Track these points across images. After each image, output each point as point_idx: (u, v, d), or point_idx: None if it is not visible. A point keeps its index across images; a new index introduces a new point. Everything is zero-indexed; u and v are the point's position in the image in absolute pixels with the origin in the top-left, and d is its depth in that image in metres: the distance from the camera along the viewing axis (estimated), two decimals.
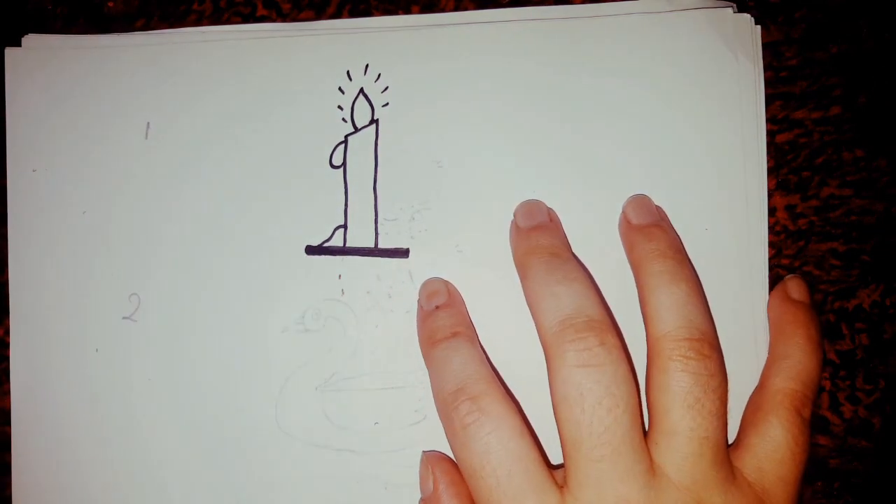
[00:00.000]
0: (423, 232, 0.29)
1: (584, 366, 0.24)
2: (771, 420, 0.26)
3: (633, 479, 0.24)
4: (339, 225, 0.30)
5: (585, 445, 0.24)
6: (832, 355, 0.30)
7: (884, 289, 0.30)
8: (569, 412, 0.24)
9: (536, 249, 0.27)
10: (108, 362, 0.30)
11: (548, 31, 0.29)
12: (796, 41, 0.30)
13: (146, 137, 0.30)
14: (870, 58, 0.30)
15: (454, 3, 0.31)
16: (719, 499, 0.24)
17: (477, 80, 0.29)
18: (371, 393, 0.29)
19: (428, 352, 0.27)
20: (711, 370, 0.25)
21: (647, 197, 0.29)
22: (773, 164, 0.30)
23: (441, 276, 0.29)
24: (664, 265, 0.26)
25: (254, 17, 0.31)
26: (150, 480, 0.29)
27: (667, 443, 0.25)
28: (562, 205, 0.29)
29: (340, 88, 0.30)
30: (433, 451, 0.28)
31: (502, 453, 0.24)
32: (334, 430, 0.29)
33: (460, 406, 0.25)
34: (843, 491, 0.30)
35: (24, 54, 0.30)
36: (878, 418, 0.30)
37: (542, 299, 0.26)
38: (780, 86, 0.30)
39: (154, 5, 0.31)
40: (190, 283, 0.30)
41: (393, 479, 0.28)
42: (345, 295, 0.29)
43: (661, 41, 0.29)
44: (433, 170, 0.29)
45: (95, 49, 0.30)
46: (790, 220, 0.30)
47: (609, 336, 0.25)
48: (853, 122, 0.30)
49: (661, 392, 0.25)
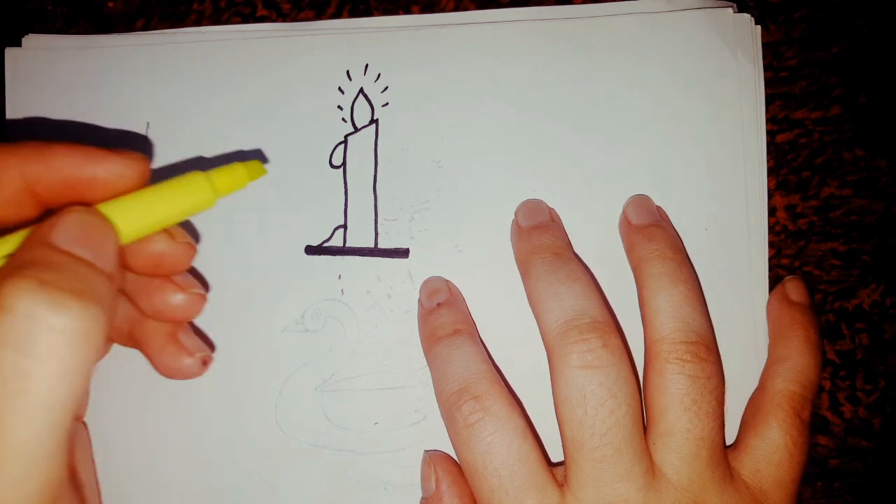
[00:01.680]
0: (423, 232, 0.29)
1: (587, 367, 0.24)
2: (769, 422, 0.26)
3: (633, 479, 0.24)
4: (339, 225, 0.30)
5: (587, 446, 0.24)
6: (832, 355, 0.30)
7: (884, 289, 0.30)
8: (571, 413, 0.24)
9: (538, 249, 0.27)
10: (107, 363, 0.30)
11: (548, 32, 0.29)
12: (796, 41, 0.30)
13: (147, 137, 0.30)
14: (870, 58, 0.30)
15: (454, 3, 0.31)
16: (716, 498, 0.25)
17: (477, 80, 0.29)
18: (371, 393, 0.29)
19: (429, 349, 0.27)
20: (708, 372, 0.25)
21: (648, 197, 0.29)
22: (773, 164, 0.30)
23: (441, 275, 0.29)
24: (663, 267, 0.26)
25: (254, 17, 0.31)
26: (150, 480, 0.29)
27: (664, 443, 0.25)
28: (562, 205, 0.29)
29: (340, 88, 0.30)
30: (436, 450, 0.28)
31: (505, 453, 0.24)
32: (334, 430, 0.29)
33: (463, 405, 0.25)
34: (843, 491, 0.30)
35: (24, 54, 0.30)
36: (878, 418, 0.30)
37: (545, 299, 0.26)
38: (780, 86, 0.30)
39: (154, 5, 0.31)
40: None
41: (393, 479, 0.28)
42: (345, 295, 0.29)
43: (661, 41, 0.29)
44: (433, 170, 0.29)
45: (95, 49, 0.30)
46: (790, 220, 0.30)
47: (612, 337, 0.25)
48: (853, 122, 0.30)
49: (658, 393, 0.25)
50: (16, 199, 0.21)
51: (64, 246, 0.18)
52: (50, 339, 0.16)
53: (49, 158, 0.20)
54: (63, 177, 0.20)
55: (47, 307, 0.16)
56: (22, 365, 0.16)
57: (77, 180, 0.21)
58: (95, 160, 0.21)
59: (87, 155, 0.21)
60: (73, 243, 0.18)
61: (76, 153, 0.21)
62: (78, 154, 0.21)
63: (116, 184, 0.21)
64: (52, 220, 0.18)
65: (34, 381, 0.16)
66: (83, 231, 0.19)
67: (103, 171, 0.21)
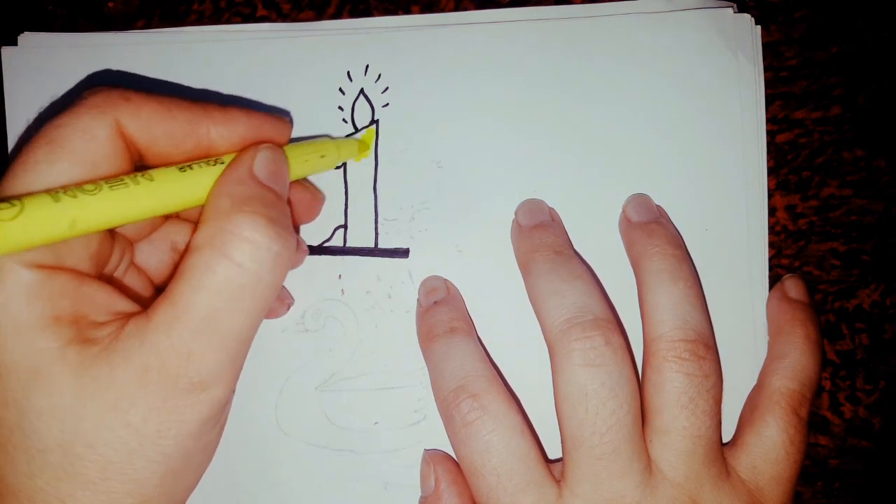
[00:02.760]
0: (423, 232, 0.29)
1: (590, 366, 0.24)
2: (767, 419, 0.26)
3: (630, 476, 0.24)
4: (339, 225, 0.30)
5: (587, 444, 0.24)
6: (832, 355, 0.30)
7: (884, 289, 0.30)
8: (572, 411, 0.24)
9: (540, 247, 0.27)
10: None
11: (548, 32, 0.29)
12: (796, 41, 0.30)
13: None
14: (870, 58, 0.30)
15: (454, 3, 0.31)
16: (712, 496, 0.25)
17: (477, 80, 0.29)
18: (371, 393, 0.29)
19: (426, 347, 0.27)
20: (706, 371, 0.25)
21: (648, 196, 0.29)
22: (773, 164, 0.30)
23: (441, 275, 0.29)
24: (663, 263, 0.26)
25: (254, 17, 0.31)
26: None
27: (661, 441, 0.25)
28: (562, 205, 0.29)
29: (341, 89, 0.30)
30: (435, 449, 0.28)
31: (503, 451, 0.24)
32: (334, 430, 0.29)
33: (462, 404, 0.25)
34: (843, 491, 0.30)
35: (21, 53, 0.30)
36: (878, 418, 0.30)
37: (547, 297, 0.26)
38: (780, 86, 0.30)
39: (154, 5, 0.31)
40: None
41: (393, 479, 0.28)
42: (345, 295, 0.29)
43: (661, 41, 0.29)
44: (433, 170, 0.29)
45: (93, 48, 0.30)
46: (790, 220, 0.30)
47: (614, 335, 0.25)
48: (853, 122, 0.30)
49: (655, 391, 0.25)
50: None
51: (264, 180, 0.22)
52: (276, 263, 0.21)
53: (231, 121, 0.23)
54: (241, 137, 0.23)
55: (276, 240, 0.21)
56: (263, 281, 0.21)
57: (251, 139, 0.23)
58: (271, 124, 0.24)
59: (263, 119, 0.24)
60: (269, 177, 0.22)
61: (252, 117, 0.23)
62: (254, 118, 0.23)
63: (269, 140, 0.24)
64: (251, 155, 0.22)
65: (268, 293, 0.21)
66: (276, 167, 0.23)
67: (276, 132, 0.24)
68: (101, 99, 0.21)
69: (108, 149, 0.21)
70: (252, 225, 0.21)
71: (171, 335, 0.20)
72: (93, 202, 0.19)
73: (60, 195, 0.19)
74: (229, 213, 0.21)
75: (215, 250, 0.20)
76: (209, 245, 0.20)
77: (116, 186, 0.20)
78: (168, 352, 0.20)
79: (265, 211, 0.21)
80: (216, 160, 0.22)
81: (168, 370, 0.20)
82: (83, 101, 0.21)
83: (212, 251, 0.20)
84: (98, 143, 0.21)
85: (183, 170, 0.21)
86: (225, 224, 0.21)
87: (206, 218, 0.21)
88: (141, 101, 0.22)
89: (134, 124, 0.21)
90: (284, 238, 0.21)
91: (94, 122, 0.21)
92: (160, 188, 0.21)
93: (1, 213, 0.18)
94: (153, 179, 0.21)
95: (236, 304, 0.21)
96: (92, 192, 0.19)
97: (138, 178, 0.20)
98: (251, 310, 0.21)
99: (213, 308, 0.20)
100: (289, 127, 0.25)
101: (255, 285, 0.21)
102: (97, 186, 0.20)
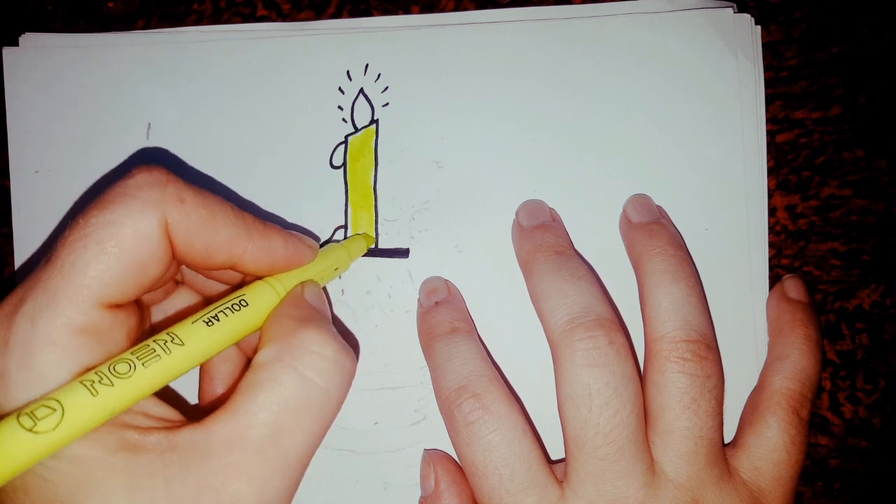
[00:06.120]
0: (423, 232, 0.29)
1: (593, 365, 0.24)
2: (768, 420, 0.26)
3: (633, 477, 0.24)
4: (339, 225, 0.30)
5: (590, 444, 0.24)
6: (832, 355, 0.30)
7: (884, 289, 0.30)
8: (575, 411, 0.24)
9: (541, 247, 0.27)
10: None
11: (548, 32, 0.29)
12: (796, 41, 0.30)
13: (147, 138, 0.30)
14: (870, 58, 0.30)
15: (454, 3, 0.31)
16: (714, 496, 0.25)
17: (477, 80, 0.29)
18: (371, 393, 0.29)
19: (427, 347, 0.27)
20: (708, 371, 0.25)
21: (648, 196, 0.29)
22: (773, 164, 0.30)
23: (441, 276, 0.29)
24: (664, 263, 0.26)
25: (254, 17, 0.31)
26: None
27: (663, 441, 0.25)
28: (562, 205, 0.29)
29: (340, 88, 0.30)
30: (435, 449, 0.28)
31: (505, 451, 0.24)
32: (334, 430, 0.29)
33: (463, 404, 0.25)
34: (843, 491, 0.30)
35: (22, 53, 0.30)
36: (878, 418, 0.30)
37: (549, 297, 0.26)
38: (780, 86, 0.30)
39: (154, 5, 0.31)
40: None
41: (393, 479, 0.28)
42: (345, 295, 0.29)
43: (661, 41, 0.29)
44: (433, 170, 0.29)
45: (94, 48, 0.30)
46: (790, 220, 0.30)
47: (618, 335, 0.25)
48: (853, 122, 0.30)
49: (658, 392, 0.25)
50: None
51: (312, 303, 0.23)
52: (343, 378, 0.21)
53: (268, 248, 0.23)
54: (272, 262, 0.23)
55: (343, 353, 0.21)
56: (330, 396, 0.21)
57: (280, 264, 0.24)
58: (302, 248, 0.24)
59: (298, 246, 0.24)
60: (319, 305, 0.23)
61: (289, 244, 0.24)
62: (290, 245, 0.24)
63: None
64: (300, 289, 0.24)
65: (332, 410, 0.21)
66: (321, 297, 0.24)
67: (305, 257, 0.24)
68: (154, 194, 0.20)
69: (159, 251, 0.20)
70: (320, 339, 0.21)
71: (232, 453, 0.19)
72: (129, 386, 0.18)
73: (97, 385, 0.18)
74: (295, 330, 0.21)
75: (283, 364, 0.20)
76: (277, 360, 0.20)
77: (149, 362, 0.19)
78: (227, 472, 0.19)
79: (329, 327, 0.22)
80: (238, 303, 0.22)
81: (227, 494, 0.19)
82: (135, 192, 0.20)
83: (280, 366, 0.20)
84: (150, 245, 0.20)
85: (210, 323, 0.21)
86: (291, 339, 0.21)
87: (270, 338, 0.21)
88: (192, 205, 0.21)
89: (181, 230, 0.20)
90: (350, 354, 0.21)
91: (146, 223, 0.20)
92: (192, 350, 0.20)
93: (42, 424, 0.16)
94: (184, 344, 0.20)
95: (301, 422, 0.20)
96: (126, 375, 0.18)
97: (168, 346, 0.20)
98: (315, 431, 0.20)
99: (278, 426, 0.19)
100: (316, 251, 0.25)
101: (321, 401, 0.20)
102: (131, 366, 0.19)
